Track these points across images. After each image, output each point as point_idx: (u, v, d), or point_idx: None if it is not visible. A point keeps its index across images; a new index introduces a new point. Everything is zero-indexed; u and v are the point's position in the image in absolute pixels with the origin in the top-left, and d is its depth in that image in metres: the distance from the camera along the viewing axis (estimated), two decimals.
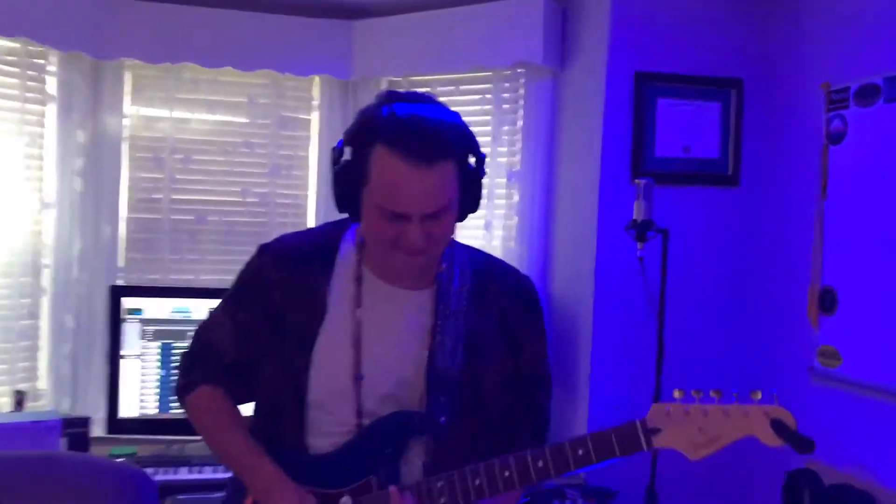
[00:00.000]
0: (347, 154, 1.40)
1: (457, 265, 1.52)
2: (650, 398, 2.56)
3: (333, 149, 1.43)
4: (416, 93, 1.44)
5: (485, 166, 1.45)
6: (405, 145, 1.32)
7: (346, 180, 1.40)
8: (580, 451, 1.31)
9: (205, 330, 1.61)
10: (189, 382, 1.59)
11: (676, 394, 1.27)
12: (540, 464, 1.34)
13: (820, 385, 2.83)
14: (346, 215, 1.47)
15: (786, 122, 2.93)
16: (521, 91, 3.17)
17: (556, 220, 3.16)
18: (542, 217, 3.17)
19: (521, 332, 1.53)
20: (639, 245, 2.44)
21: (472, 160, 1.43)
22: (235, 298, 1.56)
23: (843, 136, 2.64)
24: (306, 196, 3.36)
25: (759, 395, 1.23)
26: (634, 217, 2.45)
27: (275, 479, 1.45)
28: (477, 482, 1.36)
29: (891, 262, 2.50)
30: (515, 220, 3.22)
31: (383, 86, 3.31)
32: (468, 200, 1.44)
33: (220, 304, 1.59)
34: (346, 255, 1.52)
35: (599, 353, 2.91)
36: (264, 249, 1.55)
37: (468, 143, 1.41)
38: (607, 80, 2.85)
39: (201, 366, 1.59)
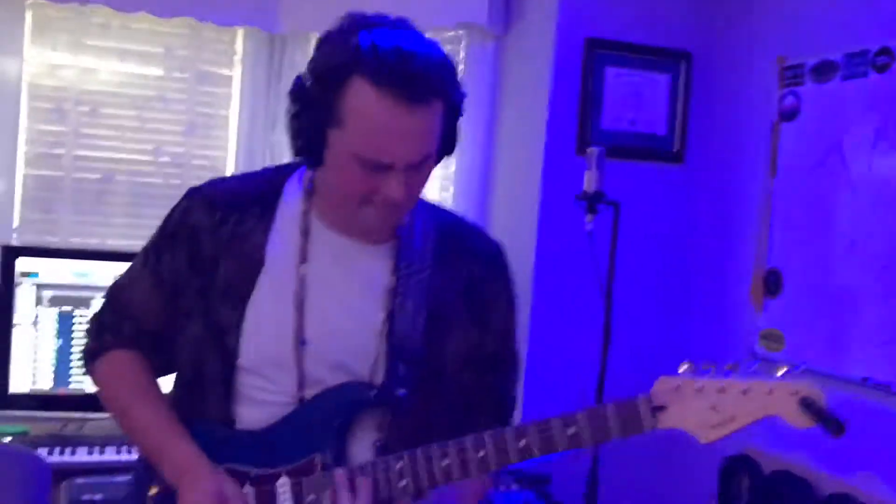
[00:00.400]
0: (313, 89, 1.19)
1: (418, 219, 1.33)
2: (594, 382, 2.45)
3: (296, 81, 1.22)
4: (388, 17, 1.22)
5: (463, 106, 1.27)
6: (394, 85, 1.13)
7: (310, 121, 1.20)
8: (570, 431, 1.13)
9: (120, 287, 1.40)
10: (98, 346, 1.38)
11: (684, 366, 1.10)
12: (521, 443, 1.15)
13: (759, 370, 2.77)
14: (295, 159, 1.27)
15: (735, 98, 2.86)
16: (462, 55, 3.00)
17: (495, 192, 3.01)
18: (479, 189, 3.02)
19: (489, 303, 1.36)
20: (588, 218, 2.31)
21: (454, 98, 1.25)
22: (156, 249, 1.35)
23: (797, 113, 2.57)
24: (225, 158, 3.14)
25: (784, 370, 1.07)
26: (585, 188, 2.32)
27: (190, 459, 1.24)
28: (445, 462, 1.18)
29: (838, 244, 2.44)
30: (451, 191, 3.06)
31: (313, 42, 3.09)
32: (446, 143, 1.26)
33: (138, 257, 1.38)
34: (291, 203, 1.32)
35: (538, 334, 2.78)
36: (193, 192, 1.35)
37: (454, 78, 1.23)
38: (556, 45, 2.71)
39: (114, 328, 1.38)
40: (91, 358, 1.40)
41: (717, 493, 2.84)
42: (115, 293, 1.41)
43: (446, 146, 1.26)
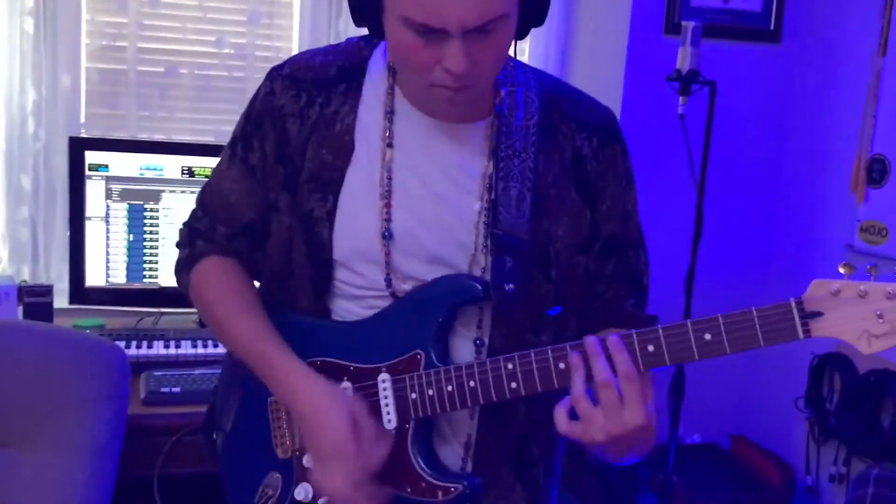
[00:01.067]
0: None
1: (520, 92, 1.18)
2: (683, 279, 2.33)
3: None
4: None
5: None
6: None
7: None
8: (707, 336, 1.01)
9: (208, 189, 1.33)
10: (191, 255, 1.32)
11: (843, 269, 0.98)
12: (650, 348, 1.04)
13: (858, 262, 2.61)
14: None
15: None
16: None
17: (574, 76, 2.85)
18: (556, 72, 2.85)
19: (600, 180, 1.21)
20: (681, 100, 2.14)
21: None
22: (244, 138, 1.26)
23: None
24: (290, 49, 3.02)
25: None
26: (678, 66, 2.13)
27: (300, 377, 1.17)
28: (561, 365, 1.08)
29: None
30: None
31: None
32: (531, 7, 1.08)
33: (224, 153, 1.30)
34: (377, 80, 1.20)
35: None
36: (276, 72, 1.25)
37: None
38: None
39: (206, 234, 1.31)
40: (185, 268, 1.33)
41: (806, 392, 2.74)
42: (205, 196, 1.33)
43: (531, 11, 1.09)
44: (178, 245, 1.36)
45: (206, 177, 2.38)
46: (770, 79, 2.74)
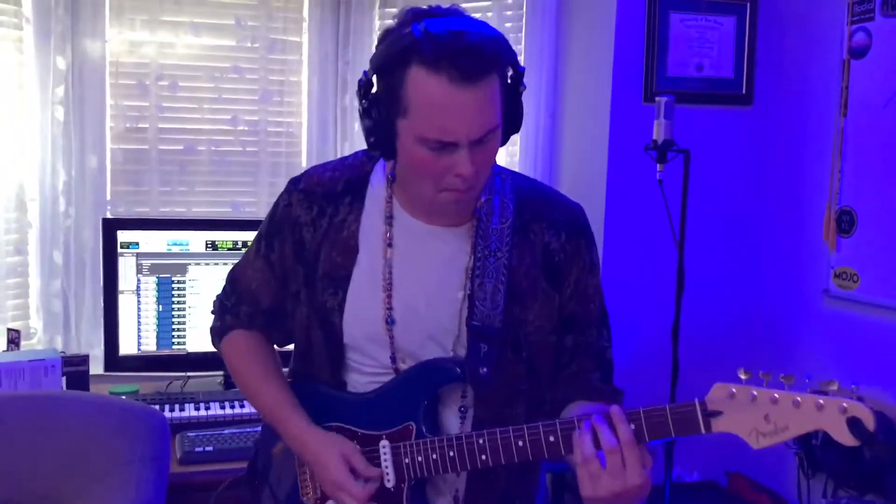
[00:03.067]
0: (377, 84, 1.26)
1: (497, 197, 1.39)
2: (669, 329, 2.51)
3: (360, 80, 1.28)
4: (440, 7, 1.28)
5: (523, 80, 1.30)
6: (447, 63, 1.17)
7: (378, 114, 1.25)
8: (633, 426, 1.18)
9: (237, 273, 1.56)
10: (221, 326, 1.56)
11: (742, 374, 1.14)
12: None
13: (834, 307, 2.79)
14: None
15: (803, 36, 2.83)
16: (525, 5, 3.03)
17: (563, 144, 3.06)
18: (547, 142, 3.06)
19: (565, 267, 1.39)
20: (658, 167, 2.35)
21: (511, 73, 1.28)
22: (267, 238, 1.49)
23: (867, 50, 2.54)
24: (300, 124, 3.22)
25: (836, 386, 1.10)
26: (654, 137, 2.35)
27: (310, 434, 1.40)
28: (520, 444, 1.26)
29: None
30: (518, 144, 3.11)
31: (377, 5, 3.15)
32: (511, 119, 1.30)
33: (252, 244, 1.53)
34: (377, 191, 1.41)
35: (611, 284, 2.84)
36: (292, 185, 1.46)
37: (509, 53, 1.26)
38: None
39: (233, 310, 1.54)
40: (217, 336, 1.57)
41: None
42: (233, 278, 1.56)
43: (511, 121, 1.29)
44: (212, 313, 1.60)
45: (229, 249, 2.62)
46: (743, 138, 2.93)
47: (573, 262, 1.40)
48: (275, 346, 1.57)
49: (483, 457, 1.29)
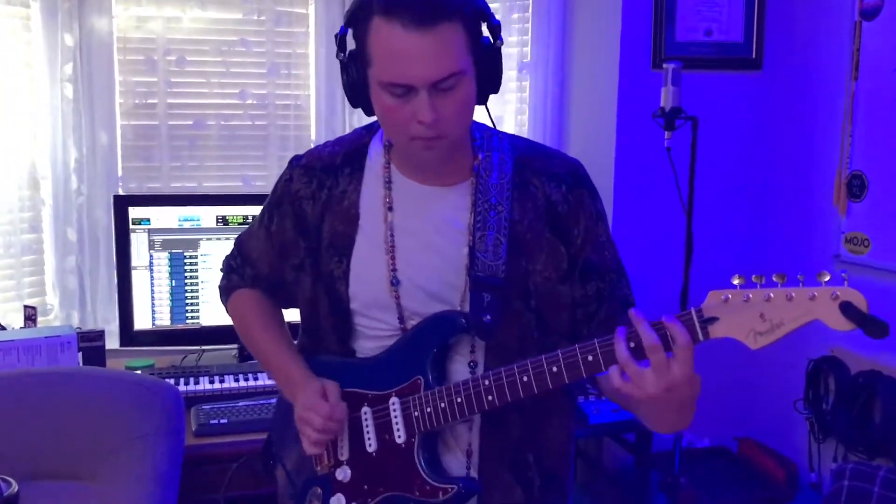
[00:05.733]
0: (349, 40, 1.32)
1: (496, 155, 1.41)
2: (678, 296, 2.51)
3: (336, 36, 1.34)
4: None
5: (500, 34, 1.32)
6: (401, 9, 1.21)
7: (353, 68, 1.32)
8: (632, 344, 1.18)
9: (244, 238, 1.63)
10: (227, 284, 1.64)
11: (736, 280, 1.14)
12: (590, 357, 1.23)
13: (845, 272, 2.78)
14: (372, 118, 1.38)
15: None
16: None
17: (571, 113, 3.04)
18: (555, 110, 3.05)
19: (570, 218, 1.39)
20: (666, 134, 2.34)
21: (484, 26, 1.31)
22: (269, 211, 1.55)
23: (879, 11, 2.51)
24: (308, 97, 3.22)
25: (828, 277, 1.09)
26: (662, 104, 2.34)
27: (300, 376, 1.45)
28: (525, 378, 1.28)
29: None
30: (527, 114, 3.10)
31: None
32: (486, 76, 1.31)
33: (260, 214, 1.59)
34: (375, 159, 1.44)
35: (620, 252, 2.85)
36: (294, 161, 1.51)
37: (476, 4, 1.28)
38: None
39: (238, 271, 1.62)
40: (224, 293, 1.65)
41: (804, 394, 2.90)
42: (240, 242, 1.63)
43: (487, 78, 1.31)
44: (220, 270, 1.67)
45: (239, 223, 2.64)
46: (753, 104, 2.91)
47: (578, 212, 1.40)
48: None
49: (490, 397, 1.30)
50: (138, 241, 2.62)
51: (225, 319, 1.68)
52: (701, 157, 2.48)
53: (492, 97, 1.38)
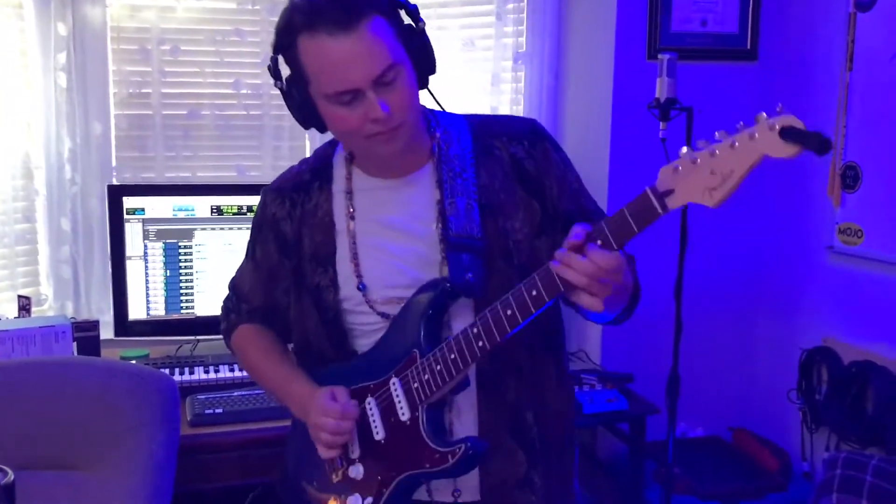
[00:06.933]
0: (282, 65, 1.36)
1: (452, 129, 1.44)
2: (671, 288, 2.52)
3: (268, 67, 1.39)
4: None
5: (420, 17, 1.35)
6: (318, 21, 1.24)
7: (294, 91, 1.35)
8: (599, 241, 1.20)
9: (236, 277, 1.66)
10: (228, 325, 1.66)
11: (683, 150, 1.16)
12: (561, 272, 1.22)
13: (839, 263, 2.80)
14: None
15: None
16: None
17: (566, 103, 3.04)
18: (550, 101, 3.05)
19: (539, 171, 1.42)
20: (661, 125, 2.34)
21: (403, 14, 1.34)
22: (252, 242, 1.59)
23: (873, 2, 2.51)
24: None
25: (764, 115, 1.08)
26: (657, 95, 2.34)
27: (307, 390, 1.45)
28: (509, 312, 1.28)
29: None
30: (522, 104, 3.10)
31: None
32: (420, 59, 1.35)
33: (245, 253, 1.62)
34: (339, 170, 1.48)
35: None
36: (266, 190, 1.55)
37: None
38: None
39: (235, 310, 1.64)
40: (226, 334, 1.67)
41: (797, 384, 2.92)
42: (233, 283, 1.66)
43: (421, 61, 1.34)
44: (220, 318, 1.69)
45: (234, 213, 2.64)
46: (748, 95, 2.91)
47: (546, 165, 1.43)
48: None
49: (480, 343, 1.31)
50: (132, 231, 2.61)
51: (219, 308, 1.69)
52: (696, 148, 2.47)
53: (486, 87, 1.40)
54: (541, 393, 1.46)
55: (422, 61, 1.35)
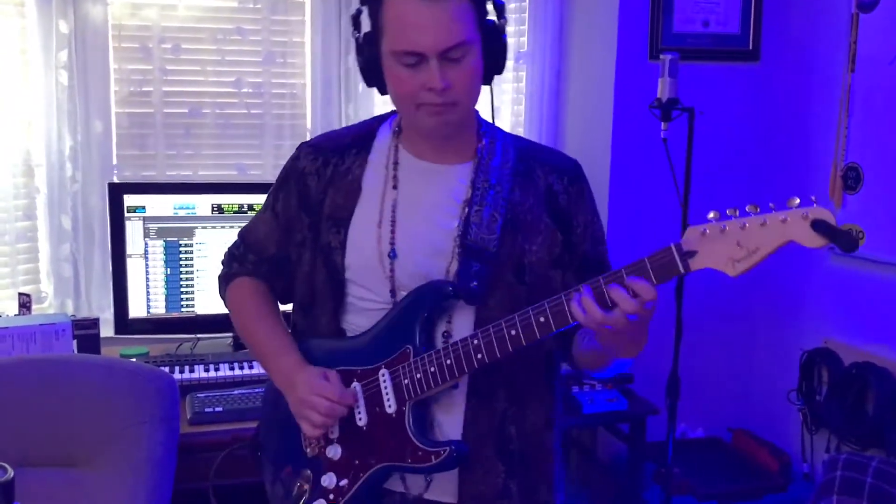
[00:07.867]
0: (364, 18, 1.38)
1: (499, 143, 1.47)
2: (672, 289, 2.52)
3: (352, 16, 1.41)
4: None
5: (504, 13, 1.39)
6: None
7: (366, 46, 1.38)
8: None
9: (249, 225, 1.64)
10: (228, 273, 1.63)
11: (712, 214, 1.18)
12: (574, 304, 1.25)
13: (839, 265, 2.79)
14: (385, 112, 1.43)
15: None
16: None
17: (568, 103, 3.04)
18: (552, 100, 3.05)
19: (571, 210, 1.46)
20: (663, 125, 2.34)
21: (490, 6, 1.36)
22: (274, 192, 1.58)
23: (876, 3, 2.51)
24: (304, 85, 3.20)
25: (797, 201, 1.13)
26: (659, 95, 2.34)
27: (297, 363, 1.46)
28: (513, 332, 1.30)
29: None
30: (524, 104, 3.10)
31: None
32: (491, 55, 1.37)
33: (264, 202, 1.61)
34: (383, 141, 1.49)
35: (615, 244, 2.85)
36: (303, 144, 1.57)
37: None
38: None
39: (241, 258, 1.62)
40: (223, 282, 1.64)
41: (798, 386, 2.92)
42: (244, 231, 1.64)
43: (492, 57, 1.37)
44: (221, 263, 1.67)
45: (234, 212, 2.63)
46: (750, 95, 2.91)
47: (578, 205, 1.47)
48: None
49: (479, 355, 1.32)
50: (133, 230, 2.61)
51: (220, 308, 1.68)
52: (697, 149, 2.48)
53: (487, 87, 1.41)
54: (526, 409, 1.47)
55: (493, 56, 1.38)
